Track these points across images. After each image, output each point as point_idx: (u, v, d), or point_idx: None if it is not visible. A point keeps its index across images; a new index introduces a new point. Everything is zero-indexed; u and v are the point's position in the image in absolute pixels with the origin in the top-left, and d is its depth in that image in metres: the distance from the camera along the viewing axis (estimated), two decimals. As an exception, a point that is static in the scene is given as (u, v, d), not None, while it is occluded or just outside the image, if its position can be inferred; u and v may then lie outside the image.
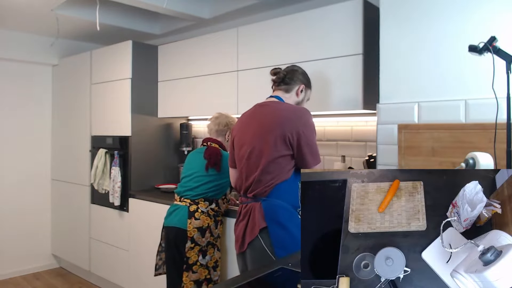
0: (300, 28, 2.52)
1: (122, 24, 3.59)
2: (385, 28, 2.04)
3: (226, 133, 2.56)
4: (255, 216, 1.83)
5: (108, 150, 3.49)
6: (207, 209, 2.39)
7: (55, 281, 3.90)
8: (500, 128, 1.48)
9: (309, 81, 2.06)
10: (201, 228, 2.35)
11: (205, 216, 2.38)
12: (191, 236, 2.34)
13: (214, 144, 2.52)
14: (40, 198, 4.21)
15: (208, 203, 2.41)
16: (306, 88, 2.03)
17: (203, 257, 2.35)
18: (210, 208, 2.41)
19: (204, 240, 2.36)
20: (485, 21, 1.74)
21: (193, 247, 2.33)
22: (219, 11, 3.20)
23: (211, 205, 2.42)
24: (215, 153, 2.45)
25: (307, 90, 2.04)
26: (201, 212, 2.38)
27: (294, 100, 2.00)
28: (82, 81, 3.85)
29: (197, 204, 2.39)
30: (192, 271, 2.33)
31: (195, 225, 2.35)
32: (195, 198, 2.40)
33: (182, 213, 2.39)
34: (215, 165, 2.41)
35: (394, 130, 1.98)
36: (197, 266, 2.33)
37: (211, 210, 2.41)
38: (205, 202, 2.40)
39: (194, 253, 2.33)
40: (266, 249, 1.78)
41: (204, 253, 2.35)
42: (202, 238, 2.35)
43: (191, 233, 2.34)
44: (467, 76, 1.79)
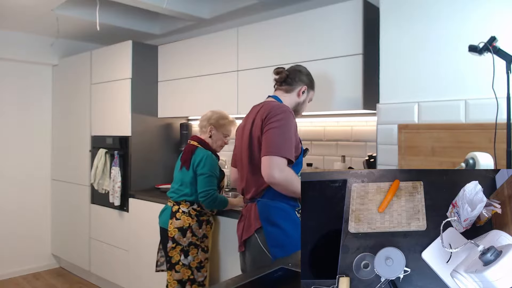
0: (300, 28, 2.52)
1: (122, 24, 3.59)
2: (385, 28, 2.04)
3: (207, 129, 2.50)
4: (251, 217, 1.84)
5: (108, 150, 3.49)
6: (188, 209, 2.38)
7: (55, 281, 3.90)
8: (500, 128, 1.48)
9: (313, 82, 2.03)
10: (181, 228, 2.35)
11: (186, 216, 2.37)
12: (172, 236, 2.35)
13: (193, 142, 2.49)
14: (40, 198, 4.21)
15: (190, 204, 2.40)
16: (309, 89, 2.01)
17: (185, 257, 2.34)
18: (192, 208, 2.39)
19: (186, 240, 2.34)
20: (485, 21, 1.74)
21: (174, 246, 2.34)
22: (219, 11, 3.20)
23: (192, 206, 2.40)
24: (187, 150, 2.43)
25: (309, 91, 2.01)
26: (182, 212, 2.38)
27: (295, 101, 1.97)
28: (82, 81, 3.85)
29: (179, 204, 2.40)
30: (175, 270, 2.33)
31: (175, 225, 2.36)
32: (177, 199, 2.42)
33: (167, 213, 2.44)
34: (185, 162, 2.40)
35: (394, 130, 1.98)
36: (179, 265, 2.33)
37: (192, 210, 2.39)
38: (186, 203, 2.39)
39: (176, 253, 2.34)
40: (263, 248, 1.78)
41: (186, 253, 2.34)
42: (183, 238, 2.34)
43: (171, 233, 2.36)
44: (467, 76, 1.79)
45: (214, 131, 2.49)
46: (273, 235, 1.78)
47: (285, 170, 1.70)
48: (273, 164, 1.68)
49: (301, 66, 2.04)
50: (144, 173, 3.45)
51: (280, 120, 1.75)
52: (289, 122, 1.76)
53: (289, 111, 1.80)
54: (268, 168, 1.69)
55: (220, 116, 2.52)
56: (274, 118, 1.76)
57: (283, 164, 1.70)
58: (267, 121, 1.77)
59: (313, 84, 2.04)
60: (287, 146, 1.73)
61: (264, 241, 1.78)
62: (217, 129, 2.49)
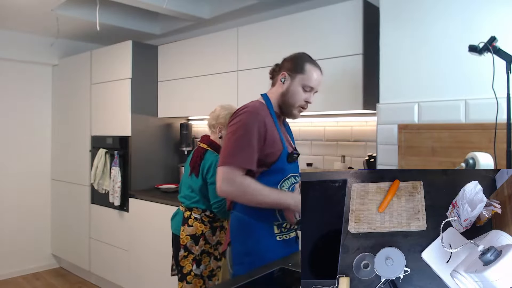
0: (300, 28, 2.52)
1: (122, 24, 3.59)
2: (385, 28, 2.04)
3: (217, 128, 2.28)
4: (228, 229, 1.70)
5: (108, 150, 3.49)
6: (200, 216, 2.21)
7: (55, 281, 3.90)
8: (500, 128, 1.48)
9: (298, 65, 1.66)
10: (194, 235, 2.18)
11: (199, 223, 2.20)
12: (184, 244, 2.19)
13: (202, 144, 2.29)
14: (40, 198, 4.21)
15: (202, 210, 2.22)
16: (292, 73, 1.65)
17: (197, 267, 2.18)
18: (204, 214, 2.21)
19: (198, 249, 2.18)
20: (485, 21, 1.74)
21: (186, 255, 2.18)
22: (219, 11, 3.20)
23: (205, 212, 2.22)
24: (196, 155, 2.25)
25: (294, 76, 1.65)
26: (194, 218, 2.21)
27: (279, 92, 1.67)
28: (82, 81, 3.85)
29: (191, 210, 2.23)
30: (186, 281, 2.17)
31: (188, 232, 2.19)
32: (189, 205, 2.24)
33: (179, 218, 2.27)
34: (193, 169, 2.23)
35: (394, 130, 1.98)
36: (191, 276, 2.17)
37: (205, 217, 2.21)
38: (198, 209, 2.22)
39: (188, 262, 2.18)
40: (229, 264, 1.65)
41: (198, 262, 2.18)
42: (195, 246, 2.18)
43: (183, 240, 2.19)
44: (467, 76, 1.79)
45: (224, 131, 2.24)
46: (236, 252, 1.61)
47: (236, 182, 1.49)
48: (221, 176, 1.51)
49: (295, 53, 1.73)
50: (144, 173, 3.45)
51: (235, 124, 1.56)
52: (246, 125, 1.53)
53: (250, 112, 1.56)
54: (218, 180, 1.52)
55: (230, 114, 2.18)
56: (230, 123, 1.59)
57: (233, 174, 1.50)
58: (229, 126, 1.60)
59: (299, 67, 1.65)
60: (243, 154, 1.51)
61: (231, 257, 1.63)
62: (226, 129, 2.31)
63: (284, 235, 1.63)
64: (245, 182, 1.51)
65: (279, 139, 1.61)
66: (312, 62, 1.67)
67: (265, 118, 1.58)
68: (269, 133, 1.57)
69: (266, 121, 1.57)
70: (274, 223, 1.61)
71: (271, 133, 1.58)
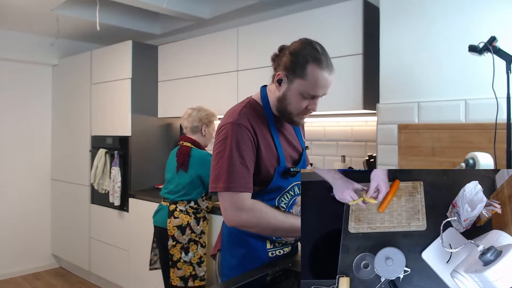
0: (300, 28, 2.52)
1: (122, 24, 3.59)
2: (385, 28, 2.04)
3: (202, 128, 2.55)
4: (219, 233, 1.55)
5: (108, 150, 3.49)
6: (185, 208, 2.44)
7: (55, 281, 3.90)
8: (500, 128, 1.48)
9: (299, 65, 1.30)
10: (180, 226, 2.41)
11: (184, 214, 2.43)
12: (172, 234, 2.40)
13: (186, 143, 2.52)
14: (40, 198, 4.21)
15: (187, 202, 2.45)
16: (290, 75, 1.31)
17: (185, 254, 2.40)
18: (188, 206, 2.45)
19: (185, 238, 2.40)
20: (485, 21, 1.74)
21: (174, 244, 2.40)
22: (219, 11, 3.20)
23: (189, 204, 2.45)
24: (183, 153, 2.47)
25: (292, 80, 1.30)
26: (179, 211, 2.43)
27: (276, 95, 1.38)
28: (82, 81, 3.85)
29: (176, 203, 2.45)
30: (177, 267, 2.39)
31: (174, 224, 2.41)
32: (175, 200, 2.46)
33: (164, 213, 2.48)
34: (182, 165, 2.44)
35: (394, 130, 1.98)
36: (180, 263, 2.39)
37: (189, 208, 2.45)
38: (183, 202, 2.45)
39: (176, 251, 2.39)
40: (217, 272, 1.52)
41: (186, 250, 2.40)
42: (182, 235, 2.40)
43: (171, 231, 2.40)
44: (467, 76, 1.79)
45: (207, 129, 2.57)
46: (225, 263, 1.46)
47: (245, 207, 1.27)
48: (227, 204, 1.28)
49: (300, 43, 1.39)
50: (144, 173, 3.45)
51: (219, 141, 1.31)
52: (232, 140, 1.27)
53: (231, 124, 1.30)
54: (222, 209, 1.30)
55: (210, 114, 2.58)
56: (216, 136, 1.35)
57: (240, 200, 1.26)
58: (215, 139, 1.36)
59: (299, 69, 1.29)
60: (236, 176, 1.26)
61: (220, 265, 1.49)
62: (208, 127, 2.58)
63: (277, 250, 1.46)
64: (256, 207, 1.29)
65: (274, 153, 1.37)
66: (317, 61, 1.30)
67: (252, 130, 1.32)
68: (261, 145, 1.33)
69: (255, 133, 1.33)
70: (267, 238, 1.43)
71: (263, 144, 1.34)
